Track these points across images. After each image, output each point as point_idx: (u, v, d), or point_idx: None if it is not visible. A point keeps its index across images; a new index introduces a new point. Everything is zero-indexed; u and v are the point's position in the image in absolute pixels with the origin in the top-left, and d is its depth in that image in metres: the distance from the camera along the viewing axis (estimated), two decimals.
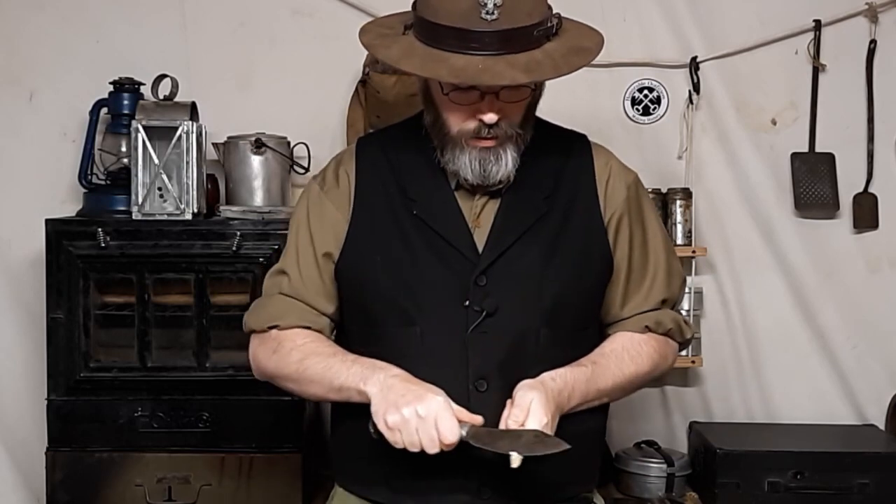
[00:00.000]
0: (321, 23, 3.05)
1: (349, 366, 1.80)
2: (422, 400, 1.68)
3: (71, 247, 2.67)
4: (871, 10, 3.01)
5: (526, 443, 1.67)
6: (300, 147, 2.91)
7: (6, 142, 3.03)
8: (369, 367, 1.78)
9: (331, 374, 1.81)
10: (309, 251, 1.92)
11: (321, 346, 1.87)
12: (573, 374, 1.83)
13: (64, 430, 2.69)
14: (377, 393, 1.72)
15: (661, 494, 2.83)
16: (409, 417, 1.67)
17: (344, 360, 1.81)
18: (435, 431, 1.66)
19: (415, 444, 1.68)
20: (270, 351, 1.90)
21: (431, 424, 1.66)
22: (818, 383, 3.11)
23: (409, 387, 1.71)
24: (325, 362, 1.82)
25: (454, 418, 1.68)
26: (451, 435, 1.67)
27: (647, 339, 1.94)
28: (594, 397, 1.88)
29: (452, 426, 1.67)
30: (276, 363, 1.89)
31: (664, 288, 1.97)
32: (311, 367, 1.83)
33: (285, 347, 1.88)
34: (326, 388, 1.83)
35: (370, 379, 1.75)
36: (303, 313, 1.91)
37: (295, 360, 1.85)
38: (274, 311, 1.92)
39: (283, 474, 2.69)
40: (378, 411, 1.71)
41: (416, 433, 1.67)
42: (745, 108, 3.06)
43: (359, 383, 1.76)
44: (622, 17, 3.03)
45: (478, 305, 1.82)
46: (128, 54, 2.98)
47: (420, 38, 1.79)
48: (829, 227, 3.09)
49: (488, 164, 1.83)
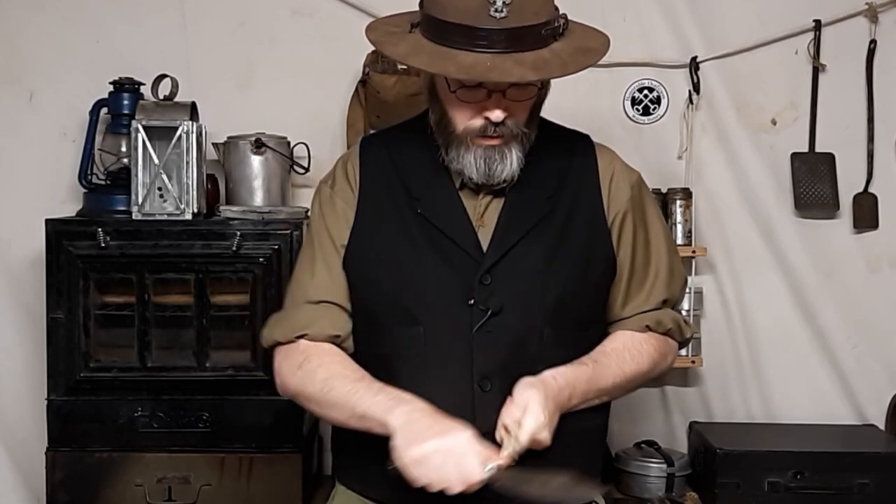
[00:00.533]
0: (321, 23, 3.05)
1: (374, 394, 1.76)
2: (447, 434, 1.65)
3: (71, 247, 2.67)
4: (871, 10, 3.01)
5: (555, 489, 1.62)
6: (300, 147, 2.91)
7: (6, 142, 3.03)
8: (395, 398, 1.74)
9: (355, 399, 1.77)
10: (332, 250, 1.91)
11: (348, 369, 1.84)
12: (574, 373, 1.82)
13: (64, 430, 2.69)
14: (400, 427, 1.68)
15: (661, 494, 2.83)
16: (432, 454, 1.63)
17: (369, 388, 1.77)
18: (458, 470, 1.62)
19: (435, 483, 1.63)
20: (296, 366, 1.86)
21: (455, 462, 1.63)
22: (818, 383, 3.11)
23: (434, 422, 1.68)
24: (350, 386, 1.79)
25: (479, 457, 1.64)
26: (474, 474, 1.62)
27: (648, 338, 1.95)
28: (595, 396, 1.88)
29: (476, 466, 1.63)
30: (301, 379, 1.85)
31: (665, 288, 1.98)
32: (336, 389, 1.80)
33: (312, 363, 1.84)
34: (349, 414, 1.79)
35: (394, 410, 1.70)
36: (332, 319, 1.88)
37: (320, 379, 1.82)
38: (302, 320, 1.89)
39: (283, 474, 2.69)
40: (400, 445, 1.66)
41: (437, 470, 1.63)
42: (745, 108, 3.06)
43: (381, 414, 1.72)
44: (622, 17, 3.03)
45: (482, 304, 1.82)
46: (128, 54, 2.98)
47: (427, 35, 1.79)
48: (829, 227, 3.09)
49: (493, 162, 1.83)
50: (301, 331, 1.88)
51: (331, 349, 1.87)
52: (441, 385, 1.76)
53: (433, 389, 1.73)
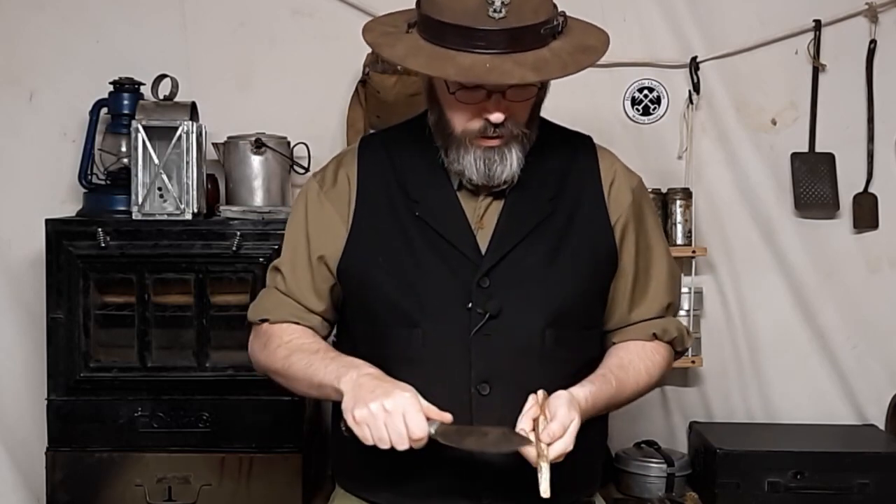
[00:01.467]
0: (321, 23, 3.05)
1: (327, 363, 1.80)
2: (389, 395, 1.67)
3: (71, 247, 2.67)
4: (871, 10, 3.02)
5: (493, 440, 1.68)
6: (300, 147, 2.91)
7: (6, 142, 3.03)
8: (345, 365, 1.78)
9: (311, 371, 1.81)
10: (303, 253, 1.92)
11: (306, 342, 1.88)
12: (601, 392, 1.81)
13: (64, 430, 2.69)
14: (349, 390, 1.72)
15: (661, 494, 2.83)
16: (377, 412, 1.66)
17: (324, 358, 1.82)
18: (403, 426, 1.65)
19: (383, 440, 1.67)
20: (262, 345, 1.92)
21: (399, 419, 1.65)
22: (818, 383, 3.11)
23: (379, 384, 1.71)
24: (307, 359, 1.83)
25: (421, 413, 1.66)
26: (418, 430, 1.65)
27: (657, 348, 1.94)
28: (609, 409, 1.90)
29: (419, 421, 1.66)
30: (266, 357, 1.91)
31: (668, 292, 1.97)
32: (295, 364, 1.84)
33: (273, 343, 1.89)
34: (307, 386, 1.84)
35: (344, 377, 1.74)
36: (293, 309, 1.92)
37: (281, 357, 1.87)
38: (265, 306, 1.95)
39: (283, 474, 2.69)
40: (347, 406, 1.70)
41: (383, 428, 1.66)
42: (745, 108, 3.07)
43: (334, 381, 1.76)
44: (622, 17, 3.03)
45: (481, 308, 1.81)
46: (128, 54, 2.98)
47: (425, 36, 1.78)
48: (829, 227, 3.09)
49: (493, 163, 1.82)
50: (263, 315, 1.94)
51: (290, 327, 1.91)
52: (439, 389, 1.75)
53: (432, 392, 1.72)
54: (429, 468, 1.77)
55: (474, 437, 1.69)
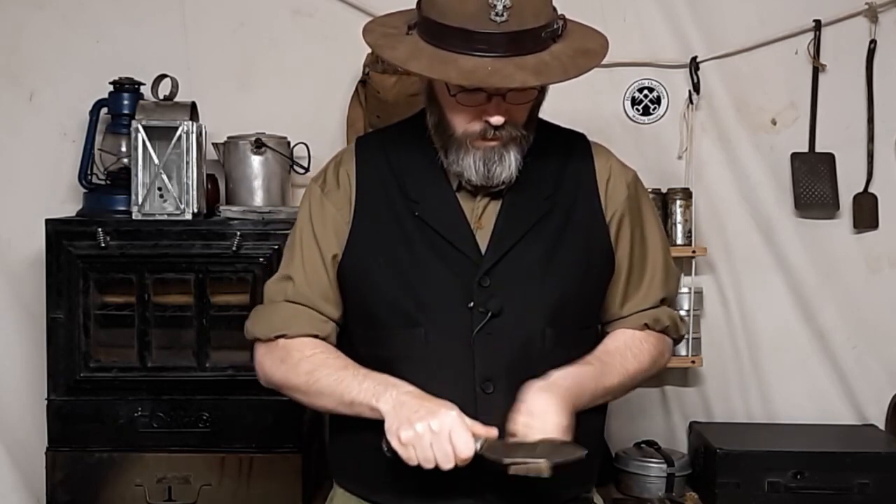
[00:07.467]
0: (321, 23, 3.05)
1: (361, 380, 1.77)
2: (435, 415, 1.66)
3: (71, 247, 2.67)
4: (871, 10, 3.02)
5: (542, 453, 1.65)
6: (300, 147, 2.91)
7: (6, 142, 3.03)
8: (381, 382, 1.75)
9: (342, 388, 1.78)
10: (315, 255, 1.90)
11: (331, 357, 1.84)
12: (582, 373, 1.82)
13: (64, 430, 2.69)
14: (390, 410, 1.70)
15: (661, 494, 2.84)
16: (423, 433, 1.65)
17: (356, 375, 1.79)
18: (449, 446, 1.64)
19: (429, 460, 1.65)
20: (278, 361, 1.87)
21: (445, 439, 1.64)
22: (818, 383, 3.11)
23: (423, 403, 1.70)
24: (336, 375, 1.80)
25: (468, 432, 1.66)
26: (465, 449, 1.65)
27: (647, 336, 1.94)
28: (601, 396, 1.88)
29: (467, 440, 1.65)
30: (285, 373, 1.86)
31: (663, 286, 1.97)
32: (322, 380, 1.81)
33: (294, 358, 1.85)
34: (337, 402, 1.80)
35: (382, 396, 1.72)
36: (310, 320, 1.88)
37: (304, 372, 1.83)
38: (280, 320, 1.89)
39: (283, 474, 2.69)
40: (391, 428, 1.68)
41: (430, 448, 1.65)
42: (745, 108, 3.07)
43: (371, 399, 1.73)
44: (622, 17, 3.03)
45: (482, 307, 1.81)
46: (128, 54, 2.98)
47: (425, 38, 1.78)
48: (829, 227, 3.09)
49: (492, 164, 1.81)
50: (279, 331, 1.88)
51: (310, 342, 1.87)
52: (443, 388, 1.75)
53: (435, 392, 1.73)
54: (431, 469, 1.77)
55: (523, 451, 1.66)
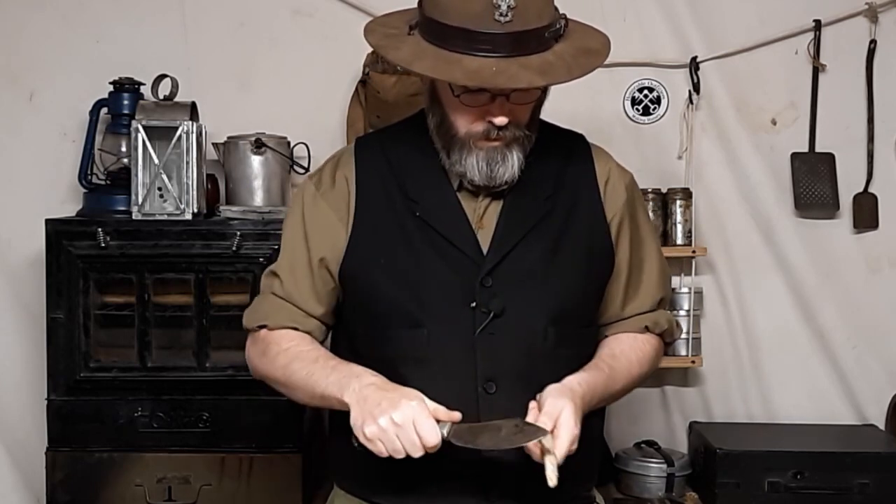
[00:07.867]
0: (321, 23, 3.05)
1: (328, 373, 1.77)
2: (397, 406, 1.66)
3: (71, 247, 2.67)
4: (871, 10, 3.02)
5: (507, 435, 1.67)
6: (300, 147, 2.91)
7: (6, 142, 3.03)
8: (346, 375, 1.75)
9: (312, 381, 1.79)
10: (303, 256, 1.90)
11: (305, 349, 1.85)
12: (594, 378, 1.82)
13: (64, 430, 2.69)
14: (354, 404, 1.70)
15: (661, 494, 2.84)
16: (387, 427, 1.65)
17: (324, 368, 1.79)
18: (415, 436, 1.64)
19: (398, 451, 1.66)
20: (260, 352, 1.90)
21: (410, 429, 1.64)
22: (818, 383, 3.11)
23: (385, 394, 1.69)
24: (307, 369, 1.81)
25: (431, 419, 1.66)
26: (431, 437, 1.65)
27: (648, 339, 1.96)
28: (607, 400, 1.89)
29: (431, 427, 1.65)
30: (265, 366, 1.89)
31: (660, 287, 1.99)
32: (296, 374, 1.82)
33: (272, 350, 1.87)
34: (310, 396, 1.82)
35: (346, 389, 1.72)
36: (291, 314, 1.90)
37: (280, 366, 1.85)
38: (263, 311, 1.92)
39: (283, 474, 2.69)
40: (356, 424, 1.69)
41: (396, 440, 1.65)
42: (745, 108, 3.07)
43: (337, 393, 1.74)
44: (622, 17, 3.03)
45: (485, 307, 1.81)
46: (128, 54, 2.98)
47: (428, 38, 1.77)
48: (829, 227, 3.09)
49: (495, 164, 1.81)
50: (261, 321, 1.90)
51: (288, 334, 1.88)
52: (445, 388, 1.75)
53: (438, 392, 1.72)
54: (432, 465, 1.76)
55: (487, 433, 1.68)
